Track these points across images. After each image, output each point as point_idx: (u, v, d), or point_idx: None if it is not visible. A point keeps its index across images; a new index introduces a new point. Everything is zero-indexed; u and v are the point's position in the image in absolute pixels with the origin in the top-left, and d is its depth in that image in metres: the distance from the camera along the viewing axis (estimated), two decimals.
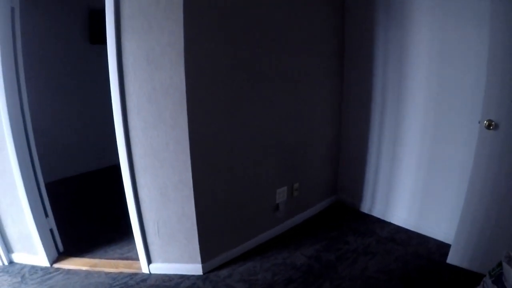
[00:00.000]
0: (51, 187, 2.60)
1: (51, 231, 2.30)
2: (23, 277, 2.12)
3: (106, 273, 2.16)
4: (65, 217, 2.62)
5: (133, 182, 1.99)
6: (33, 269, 2.19)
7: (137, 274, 2.16)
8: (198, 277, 2.13)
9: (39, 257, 2.22)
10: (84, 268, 2.21)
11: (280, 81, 2.34)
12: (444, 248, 2.34)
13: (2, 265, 2.22)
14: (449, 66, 2.23)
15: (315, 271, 2.17)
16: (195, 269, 2.14)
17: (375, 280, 2.09)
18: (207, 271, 2.17)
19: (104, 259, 2.30)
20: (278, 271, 2.19)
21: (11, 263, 2.26)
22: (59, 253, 2.35)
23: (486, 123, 1.89)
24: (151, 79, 1.82)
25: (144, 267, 2.17)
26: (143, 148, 1.93)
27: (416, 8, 2.31)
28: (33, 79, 2.72)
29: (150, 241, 2.12)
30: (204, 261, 2.14)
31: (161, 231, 2.08)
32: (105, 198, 3.33)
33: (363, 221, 2.80)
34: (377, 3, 2.51)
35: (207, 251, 2.15)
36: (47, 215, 2.27)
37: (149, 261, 2.16)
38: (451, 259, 2.19)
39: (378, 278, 2.10)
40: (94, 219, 2.91)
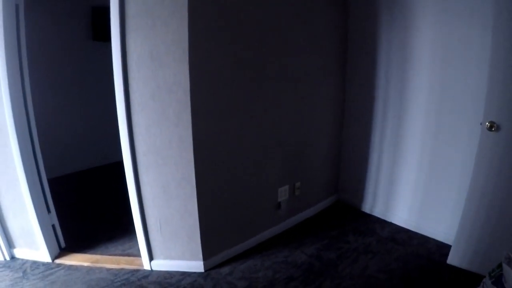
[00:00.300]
0: (54, 183, 2.61)
1: (53, 226, 2.31)
2: (24, 272, 2.13)
3: (107, 269, 2.17)
4: (67, 213, 2.63)
5: (136, 179, 2.00)
6: (35, 264, 2.20)
7: (138, 270, 2.17)
8: (199, 274, 2.14)
9: (41, 253, 2.23)
10: (85, 264, 2.22)
11: (282, 80, 2.35)
12: (444, 248, 2.34)
13: (4, 260, 2.24)
14: (451, 67, 2.24)
15: (316, 270, 2.19)
16: (196, 266, 2.15)
17: (375, 279, 2.10)
18: (208, 268, 2.18)
19: (105, 255, 2.31)
20: (279, 269, 2.20)
21: (13, 258, 2.27)
22: (60, 249, 2.36)
23: (488, 124, 1.89)
24: (155, 76, 1.82)
25: (145, 264, 2.18)
26: (146, 145, 1.94)
27: (418, 8, 2.31)
28: (36, 76, 2.72)
29: (152, 238, 2.13)
30: (205, 258, 2.15)
31: (163, 228, 2.09)
32: (108, 194, 3.34)
33: (364, 220, 2.81)
34: (379, 3, 2.51)
35: (209, 249, 2.16)
36: (49, 211, 2.28)
37: (151, 258, 2.17)
38: (451, 259, 2.20)
39: (378, 277, 2.11)
40: (96, 216, 2.92)
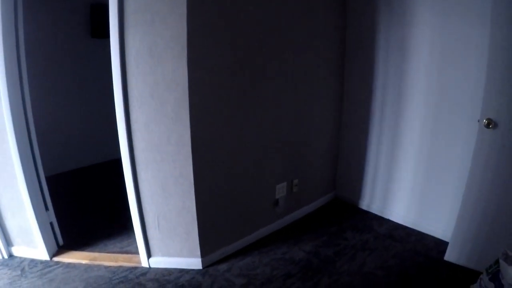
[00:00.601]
0: (52, 181, 2.61)
1: (51, 224, 2.30)
2: (22, 270, 2.12)
3: (105, 267, 2.17)
4: (65, 210, 2.62)
5: (134, 176, 1.99)
6: (33, 262, 2.20)
7: (136, 267, 2.17)
8: (197, 271, 2.14)
9: (39, 251, 2.22)
10: (84, 261, 2.22)
11: (281, 78, 2.35)
12: (441, 245, 2.36)
13: (1, 259, 2.23)
14: (449, 65, 2.24)
15: (314, 266, 2.19)
16: (194, 263, 2.15)
17: (373, 276, 2.10)
18: (206, 265, 2.18)
19: (104, 252, 2.30)
20: (277, 266, 2.20)
21: (11, 256, 2.26)
22: (59, 247, 2.35)
23: (485, 121, 1.90)
24: (154, 73, 1.82)
25: (143, 261, 2.18)
26: (145, 142, 1.93)
27: (417, 7, 2.32)
28: (34, 73, 2.72)
29: (150, 235, 2.12)
30: (203, 255, 2.16)
31: (161, 225, 2.09)
32: (106, 192, 3.34)
33: (361, 217, 2.82)
34: (378, 2, 2.52)
35: (207, 245, 2.16)
36: (47, 209, 2.27)
37: (149, 255, 2.17)
38: (449, 256, 2.21)
39: (376, 274, 2.12)
40: (94, 213, 2.91)
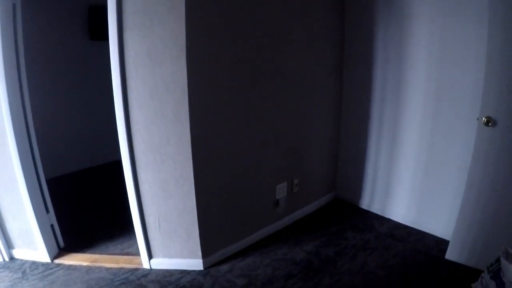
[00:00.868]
0: (52, 183, 2.61)
1: (52, 226, 2.30)
2: (24, 272, 2.12)
3: (106, 269, 2.17)
4: (66, 212, 2.62)
5: (135, 177, 2.00)
6: (34, 264, 2.20)
7: (137, 269, 2.17)
8: (198, 272, 2.14)
9: (40, 253, 2.22)
10: (85, 263, 2.22)
11: (280, 79, 2.36)
12: (442, 244, 2.36)
13: (3, 261, 2.23)
14: (448, 63, 2.24)
15: (315, 267, 2.19)
16: (195, 264, 2.15)
17: (374, 275, 2.10)
18: (207, 266, 2.18)
19: (105, 254, 2.30)
20: (278, 266, 2.20)
21: (12, 259, 2.26)
22: (60, 249, 2.35)
23: (484, 119, 1.90)
24: (153, 74, 1.82)
25: (144, 262, 2.18)
26: (145, 143, 1.94)
27: (415, 6, 2.32)
28: (34, 76, 2.72)
29: (151, 236, 2.13)
30: (204, 256, 2.16)
31: (162, 226, 2.10)
32: (106, 194, 3.34)
33: (362, 217, 2.82)
34: (377, 2, 2.52)
35: (208, 246, 2.16)
36: (48, 211, 2.28)
37: (150, 256, 2.17)
38: (450, 255, 2.21)
39: (377, 273, 2.12)
40: (95, 215, 2.91)
